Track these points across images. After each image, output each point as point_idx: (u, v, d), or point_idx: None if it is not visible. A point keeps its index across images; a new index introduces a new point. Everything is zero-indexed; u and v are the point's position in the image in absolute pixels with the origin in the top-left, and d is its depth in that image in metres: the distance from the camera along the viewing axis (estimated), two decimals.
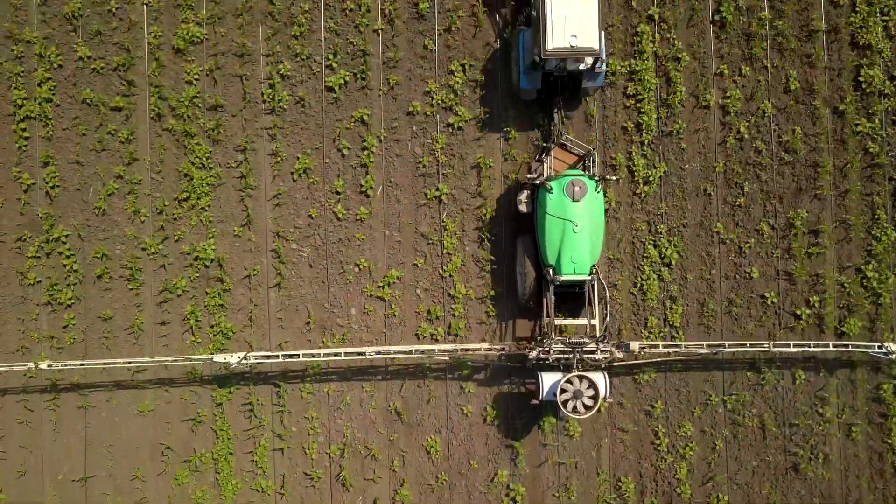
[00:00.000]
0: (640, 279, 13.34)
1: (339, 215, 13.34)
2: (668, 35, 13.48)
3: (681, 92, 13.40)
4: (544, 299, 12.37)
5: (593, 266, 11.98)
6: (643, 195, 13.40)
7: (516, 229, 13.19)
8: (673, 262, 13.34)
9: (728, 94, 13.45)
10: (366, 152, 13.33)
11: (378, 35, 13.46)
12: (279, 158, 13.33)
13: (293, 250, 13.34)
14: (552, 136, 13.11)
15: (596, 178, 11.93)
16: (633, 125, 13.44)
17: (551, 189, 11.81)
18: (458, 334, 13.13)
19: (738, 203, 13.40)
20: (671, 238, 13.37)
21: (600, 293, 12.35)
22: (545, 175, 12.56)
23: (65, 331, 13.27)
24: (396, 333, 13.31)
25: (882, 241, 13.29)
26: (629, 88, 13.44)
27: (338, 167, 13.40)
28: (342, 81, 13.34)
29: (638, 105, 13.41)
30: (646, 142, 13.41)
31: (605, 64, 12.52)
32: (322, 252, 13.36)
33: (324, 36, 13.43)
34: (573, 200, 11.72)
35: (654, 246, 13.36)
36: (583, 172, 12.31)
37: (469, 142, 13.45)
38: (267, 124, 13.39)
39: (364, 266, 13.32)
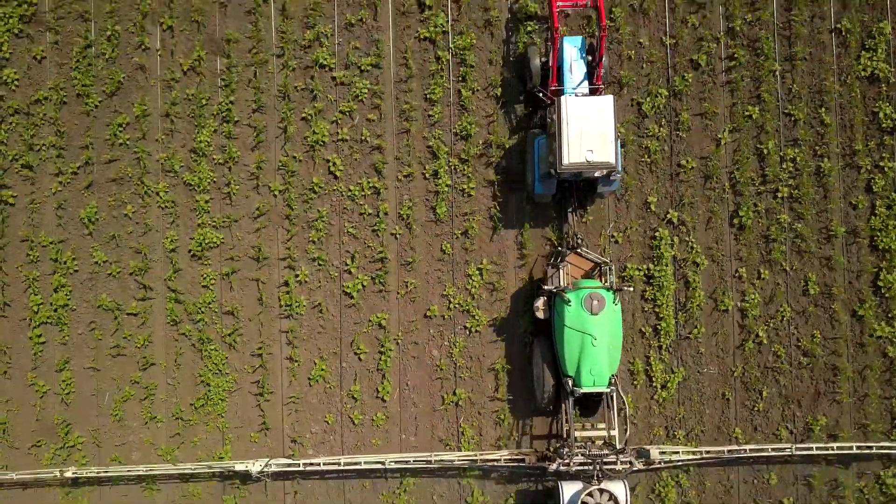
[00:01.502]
0: (657, 485, 13.26)
1: (356, 420, 13.27)
2: (687, 238, 13.43)
3: (699, 296, 13.34)
4: (563, 406, 12.43)
5: (612, 377, 11.98)
6: (661, 400, 13.33)
7: (533, 329, 13.26)
8: (691, 469, 13.27)
9: (747, 297, 13.39)
10: (383, 357, 13.27)
11: (395, 238, 13.42)
12: (296, 364, 13.28)
13: (309, 456, 13.28)
14: (567, 240, 13.09)
15: (613, 290, 11.93)
16: (650, 329, 13.38)
17: (569, 301, 11.79)
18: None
19: (756, 408, 13.34)
20: (689, 443, 13.30)
21: (619, 404, 12.35)
22: (562, 284, 12.55)
23: None
24: None
25: None
26: (647, 293, 13.38)
27: (354, 371, 13.35)
28: (360, 286, 13.29)
29: (656, 310, 13.35)
30: (664, 346, 13.35)
31: (619, 173, 12.47)
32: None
33: (341, 240, 13.38)
34: (592, 314, 11.71)
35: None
36: (600, 283, 12.30)
37: (486, 344, 13.40)
38: (283, 329, 13.33)
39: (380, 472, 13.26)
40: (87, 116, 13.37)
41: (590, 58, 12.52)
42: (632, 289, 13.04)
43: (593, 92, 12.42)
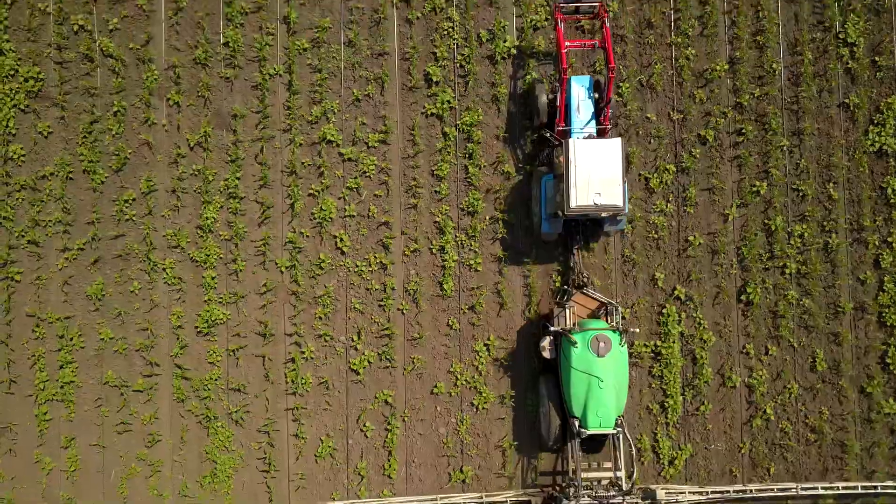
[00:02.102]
0: None
1: (362, 497, 13.24)
2: (695, 314, 13.40)
3: (706, 372, 13.31)
4: (570, 445, 12.40)
5: (619, 417, 11.97)
6: (668, 477, 13.30)
7: (538, 363, 13.27)
8: None
9: (754, 373, 13.37)
10: (389, 434, 13.24)
11: (402, 314, 13.39)
12: (302, 440, 13.24)
13: None
14: (572, 278, 13.06)
15: (619, 332, 11.91)
16: (658, 406, 13.35)
17: (576, 343, 11.78)
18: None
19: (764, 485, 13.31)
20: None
21: (625, 445, 12.35)
22: (568, 325, 12.54)
23: None
24: None
25: None
26: (654, 369, 13.35)
27: (361, 448, 13.31)
28: (367, 363, 13.26)
29: (664, 387, 13.32)
30: (671, 423, 13.32)
31: (626, 214, 12.50)
32: None
33: (348, 316, 13.35)
34: (598, 356, 11.69)
35: None
36: (606, 324, 12.28)
37: (493, 420, 13.36)
38: (290, 405, 13.30)
39: None
40: (94, 192, 13.34)
41: (597, 96, 12.49)
42: (637, 330, 13.02)
43: (601, 132, 12.43)
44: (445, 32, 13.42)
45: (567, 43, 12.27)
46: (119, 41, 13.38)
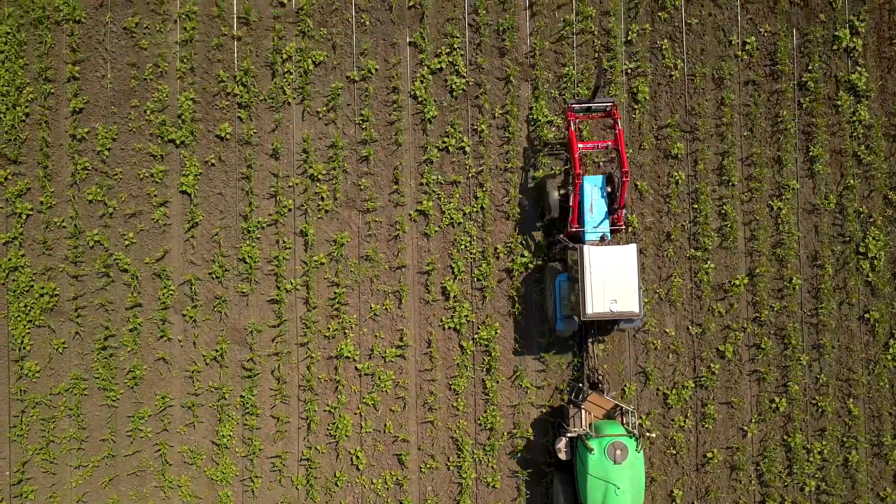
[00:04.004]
0: None
1: None
2: None
3: None
4: None
5: None
6: None
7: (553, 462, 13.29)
8: None
9: None
10: None
11: None
12: None
13: None
14: (586, 374, 12.98)
15: (636, 437, 11.84)
16: None
17: (593, 450, 11.72)
18: None
19: None
20: None
21: None
22: (583, 424, 12.49)
23: None
24: None
25: None
26: None
27: None
28: None
29: None
30: None
31: (641, 317, 12.45)
32: None
33: None
34: (615, 463, 11.63)
35: None
36: (622, 428, 12.18)
37: None
38: None
39: None
40: (109, 408, 13.25)
41: (609, 189, 12.40)
42: (654, 434, 12.90)
43: (614, 232, 12.37)
44: (463, 247, 13.34)
45: (580, 145, 12.15)
46: (135, 256, 13.31)
